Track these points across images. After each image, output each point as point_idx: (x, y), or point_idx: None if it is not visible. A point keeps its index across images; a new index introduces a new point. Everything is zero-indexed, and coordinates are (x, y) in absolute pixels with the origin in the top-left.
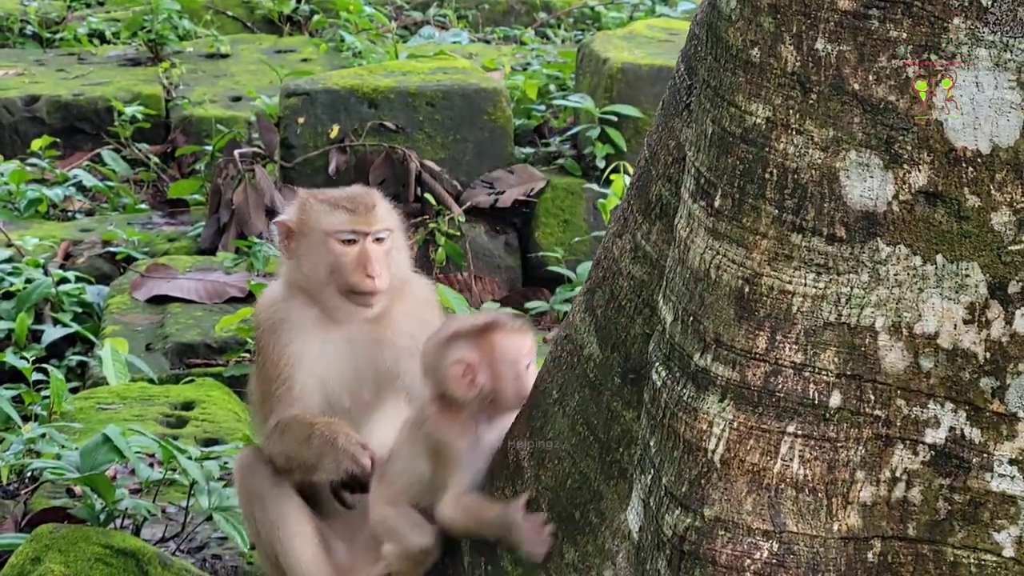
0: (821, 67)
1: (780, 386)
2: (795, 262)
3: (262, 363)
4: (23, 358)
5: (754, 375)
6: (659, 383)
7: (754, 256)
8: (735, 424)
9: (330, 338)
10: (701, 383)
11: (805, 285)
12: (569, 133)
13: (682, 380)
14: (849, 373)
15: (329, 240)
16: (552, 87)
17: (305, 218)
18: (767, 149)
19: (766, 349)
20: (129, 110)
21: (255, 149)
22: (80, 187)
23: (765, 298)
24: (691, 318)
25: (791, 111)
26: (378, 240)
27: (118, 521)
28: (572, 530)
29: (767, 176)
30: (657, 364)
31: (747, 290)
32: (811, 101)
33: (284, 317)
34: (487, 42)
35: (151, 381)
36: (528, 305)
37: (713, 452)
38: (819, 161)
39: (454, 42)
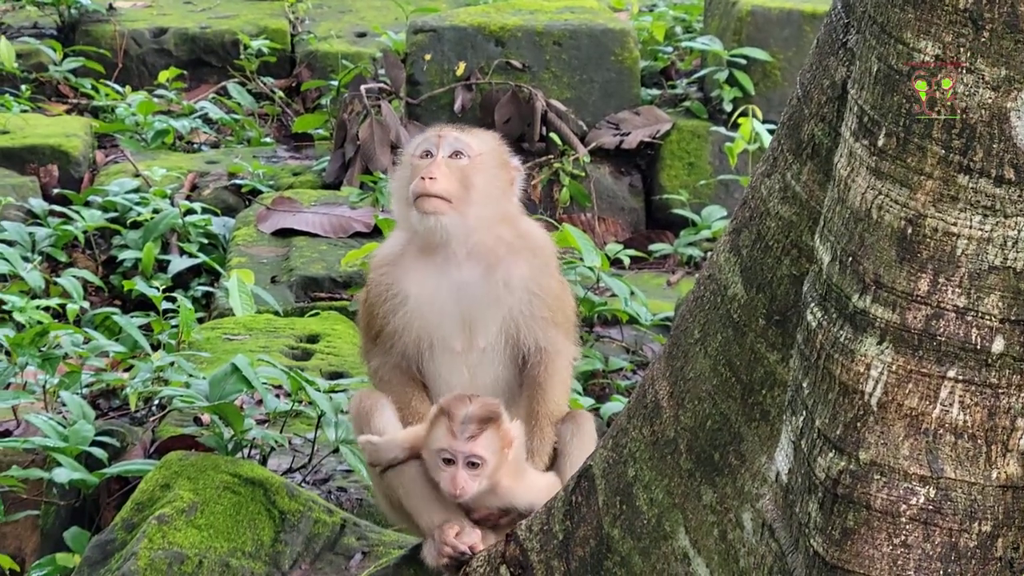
0: (995, 4)
1: (941, 330)
2: (961, 203)
3: (368, 306)
4: (152, 287)
5: (915, 318)
6: (814, 324)
7: (918, 197)
8: (894, 367)
9: (440, 284)
10: (859, 325)
11: (971, 227)
12: (696, 76)
13: (839, 321)
14: (1013, 318)
15: None
16: (679, 29)
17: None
18: (935, 88)
19: (928, 292)
20: (255, 44)
21: (381, 85)
22: (206, 119)
23: (928, 240)
24: (850, 259)
25: (962, 49)
26: None
27: (245, 451)
28: (711, 471)
29: (934, 116)
30: (812, 305)
31: (910, 231)
32: (983, 39)
33: (392, 281)
34: None
35: (276, 313)
36: (651, 248)
37: (870, 395)
38: (989, 101)
39: None
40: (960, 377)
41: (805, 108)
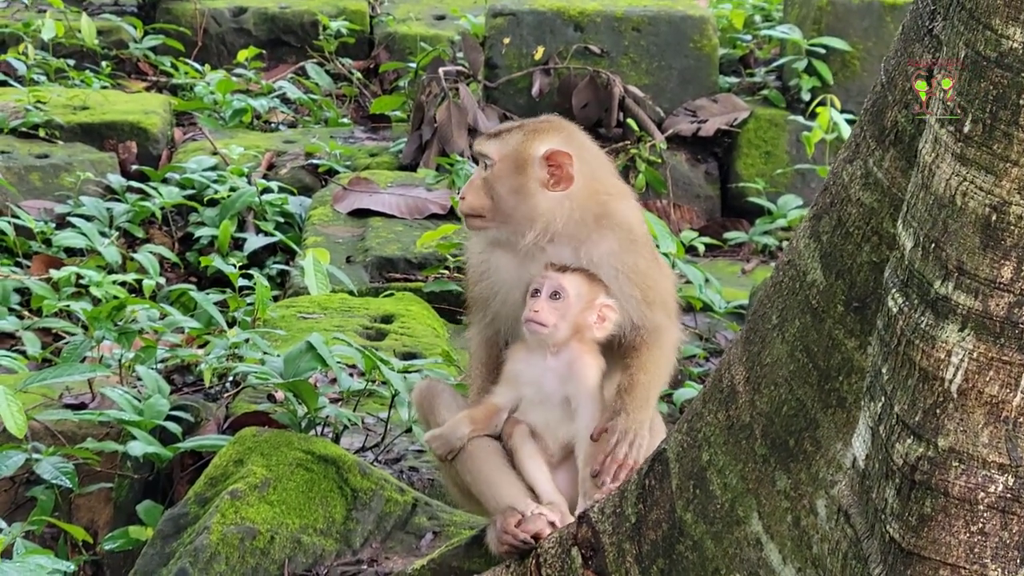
0: None
1: None
2: None
3: (468, 280)
4: (227, 264)
5: (997, 305)
6: (895, 310)
7: (1003, 184)
8: (975, 354)
9: (526, 264)
10: (941, 311)
11: None
12: (775, 64)
13: (920, 307)
14: None
15: None
16: (758, 17)
17: None
18: (1023, 75)
19: (1011, 279)
20: (334, 25)
21: (459, 68)
22: (284, 99)
23: (1013, 227)
24: (933, 245)
25: None
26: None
27: (318, 429)
28: (785, 457)
29: (1021, 102)
30: (893, 290)
31: (994, 218)
32: None
33: (487, 257)
34: None
35: (351, 293)
36: (726, 236)
37: (950, 382)
38: None
39: None
40: None
41: (889, 95)
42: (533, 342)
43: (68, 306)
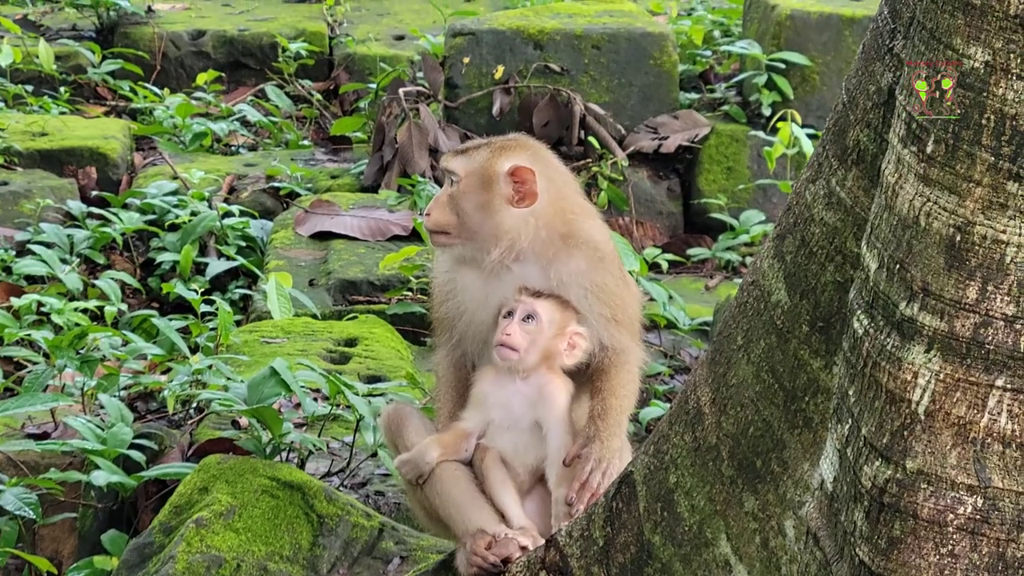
0: None
1: (990, 338)
2: (1010, 211)
3: (433, 302)
4: (191, 290)
5: (963, 326)
6: (860, 331)
7: (967, 204)
8: (941, 376)
9: (493, 284)
10: (906, 332)
11: (1020, 235)
12: (735, 80)
13: (886, 329)
14: None
15: None
16: (717, 33)
17: None
18: (985, 94)
19: (976, 300)
20: (293, 46)
21: (419, 88)
22: (244, 122)
23: (977, 247)
24: (897, 266)
25: (1012, 55)
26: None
27: (283, 454)
28: (753, 478)
29: (984, 122)
30: (859, 312)
31: (958, 239)
32: None
33: (453, 277)
34: None
35: (314, 316)
36: (690, 252)
37: (917, 403)
38: None
39: None
40: (1008, 386)
41: (851, 114)
42: (503, 367)
43: (29, 334)
